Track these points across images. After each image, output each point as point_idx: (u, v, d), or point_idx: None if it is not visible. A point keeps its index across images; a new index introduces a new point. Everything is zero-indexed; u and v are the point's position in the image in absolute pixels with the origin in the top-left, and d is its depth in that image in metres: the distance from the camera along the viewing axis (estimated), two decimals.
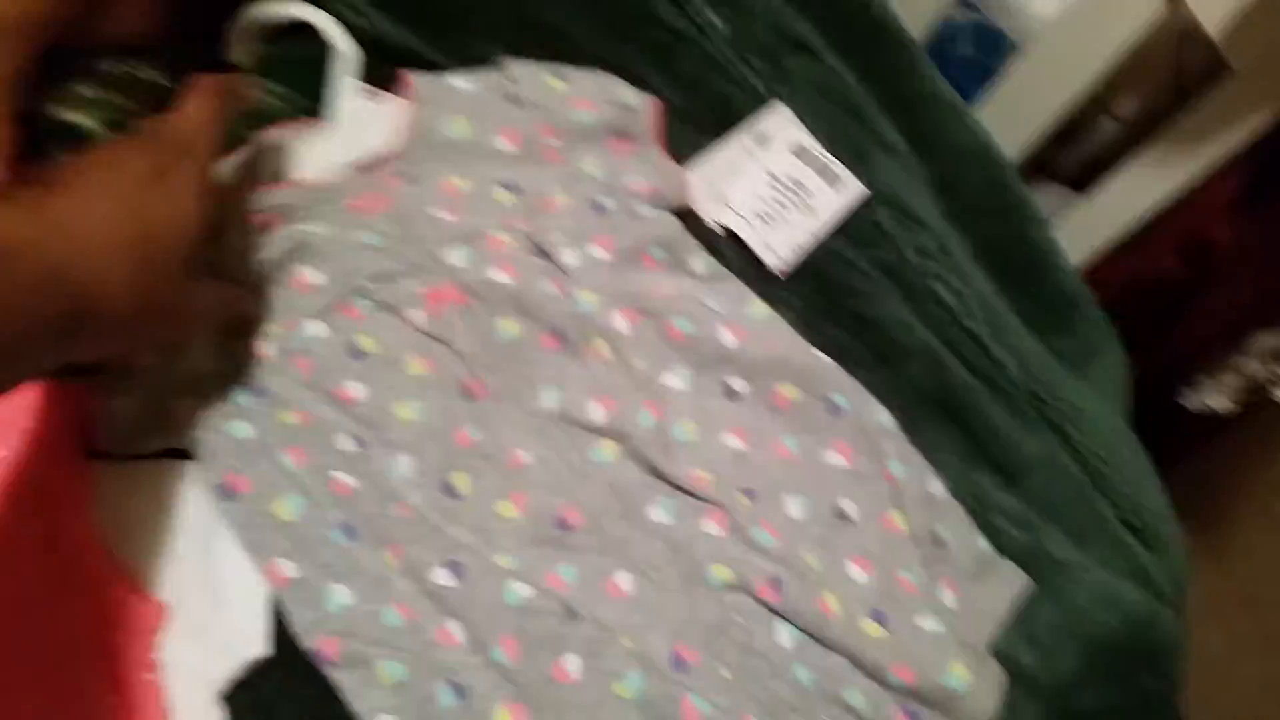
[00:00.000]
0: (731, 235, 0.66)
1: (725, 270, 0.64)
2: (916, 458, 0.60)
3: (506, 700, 0.52)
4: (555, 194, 0.63)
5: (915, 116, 0.70)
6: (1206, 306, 0.67)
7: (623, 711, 0.53)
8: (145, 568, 0.56)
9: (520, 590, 0.54)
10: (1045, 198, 0.74)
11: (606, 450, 0.59)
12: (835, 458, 0.60)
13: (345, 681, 0.52)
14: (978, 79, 0.80)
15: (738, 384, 0.61)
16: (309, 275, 0.58)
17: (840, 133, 0.69)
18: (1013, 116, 0.68)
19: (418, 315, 0.59)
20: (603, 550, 0.56)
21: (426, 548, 0.55)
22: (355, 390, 0.57)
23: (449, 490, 0.56)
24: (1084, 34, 0.62)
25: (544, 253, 0.62)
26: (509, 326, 0.60)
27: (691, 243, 0.64)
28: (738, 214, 0.67)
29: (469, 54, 0.67)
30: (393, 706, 0.52)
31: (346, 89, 0.63)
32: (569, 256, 0.61)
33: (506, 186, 0.63)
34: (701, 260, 0.64)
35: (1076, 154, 0.73)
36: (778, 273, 0.66)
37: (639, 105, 0.66)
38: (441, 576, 0.54)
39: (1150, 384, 0.71)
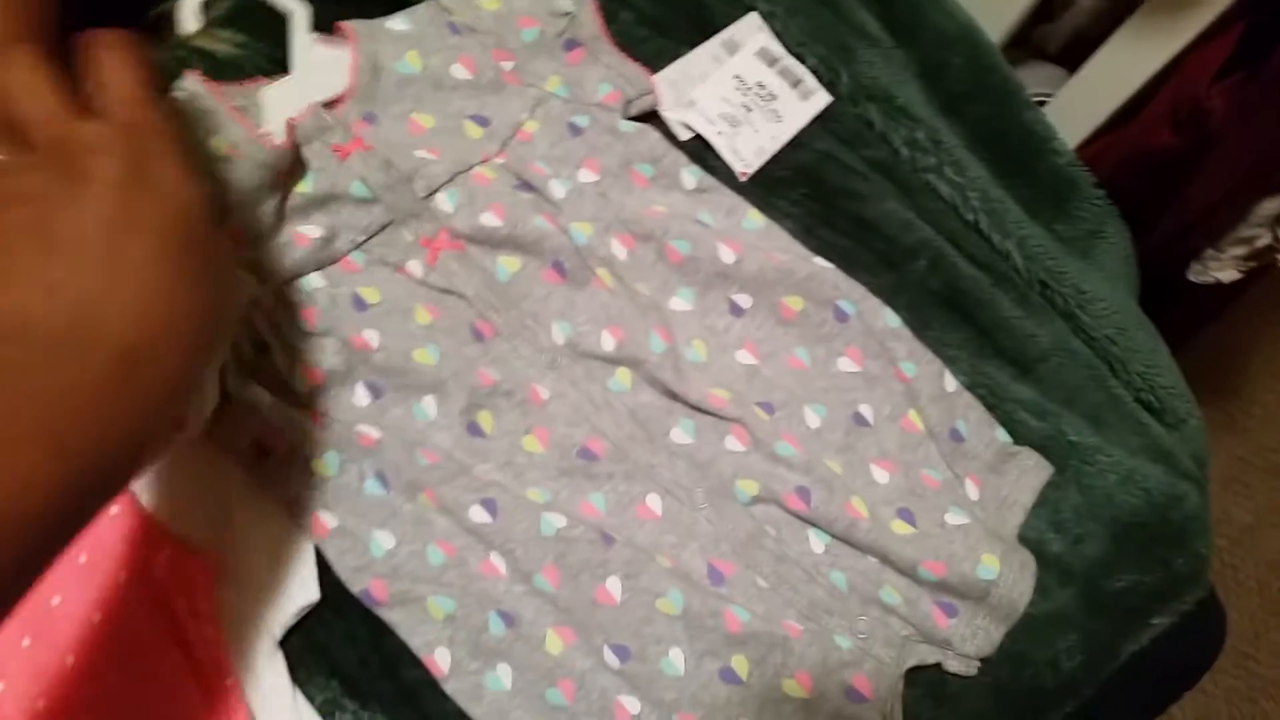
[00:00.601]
0: (699, 138, 0.65)
1: (716, 182, 0.63)
2: (927, 356, 0.60)
3: (555, 624, 0.53)
4: (526, 121, 0.62)
5: (894, 3, 0.68)
6: (1205, 177, 0.66)
7: (669, 626, 0.53)
8: (197, 527, 0.56)
9: (555, 521, 0.55)
10: (1036, 76, 0.72)
11: (622, 378, 0.59)
12: (847, 364, 0.60)
13: (398, 619, 0.54)
14: None
15: (742, 299, 0.61)
16: (305, 229, 0.57)
17: (820, 28, 0.68)
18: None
19: (416, 266, 0.59)
20: (629, 476, 0.57)
21: (459, 488, 0.55)
22: (371, 338, 0.57)
23: (475, 429, 0.57)
24: None
25: (530, 186, 0.61)
26: (509, 264, 0.60)
27: (678, 155, 0.63)
28: (704, 117, 0.66)
29: None
30: (447, 639, 0.53)
31: (301, 37, 0.61)
32: (556, 187, 0.60)
33: (474, 119, 0.62)
34: (691, 173, 0.63)
35: (1061, 29, 0.71)
36: (738, 175, 0.65)
37: (578, 7, 0.64)
38: (477, 514, 0.55)
39: (1156, 260, 0.70)
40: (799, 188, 0.65)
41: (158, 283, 0.37)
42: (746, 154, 0.66)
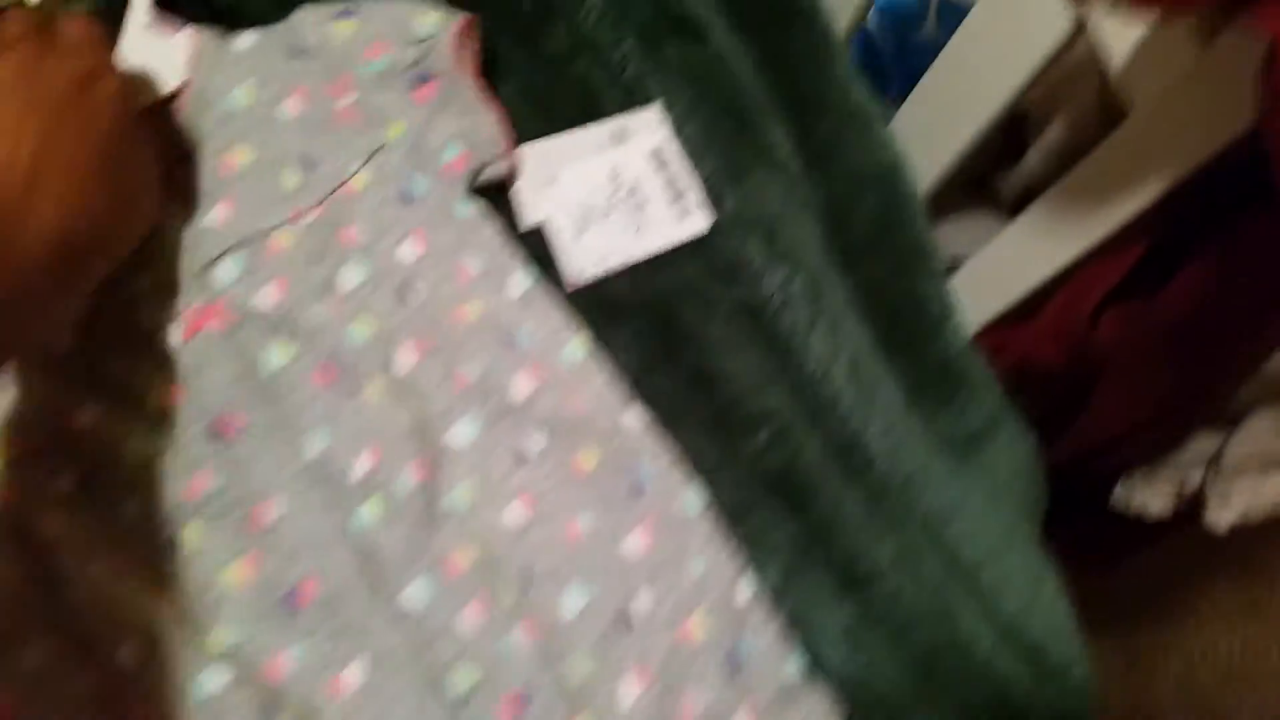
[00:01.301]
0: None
1: (548, 293, 0.55)
2: (723, 556, 0.51)
3: None
4: (355, 171, 0.55)
5: (816, 123, 0.60)
6: (1100, 407, 0.55)
7: None
8: None
9: (219, 677, 0.47)
10: (974, 230, 0.61)
11: (372, 509, 0.50)
12: (633, 545, 0.51)
13: None
14: None
15: (533, 443, 0.52)
16: None
17: (717, 138, 0.59)
18: (930, 131, 0.56)
19: (175, 337, 0.52)
20: (335, 635, 0.48)
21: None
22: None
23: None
24: (993, 46, 0.50)
25: (327, 266, 0.53)
26: (281, 353, 0.52)
27: (514, 253, 0.55)
28: (556, 201, 0.58)
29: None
30: None
31: (138, 15, 0.56)
32: (349, 273, 0.53)
33: (298, 162, 0.55)
34: (523, 277, 0.55)
35: (1013, 181, 0.60)
36: (565, 284, 0.57)
37: (436, 32, 0.57)
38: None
39: (1072, 475, 0.60)
40: (645, 319, 0.57)
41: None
42: (584, 259, 0.58)
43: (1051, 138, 0.55)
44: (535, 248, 0.57)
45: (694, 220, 0.58)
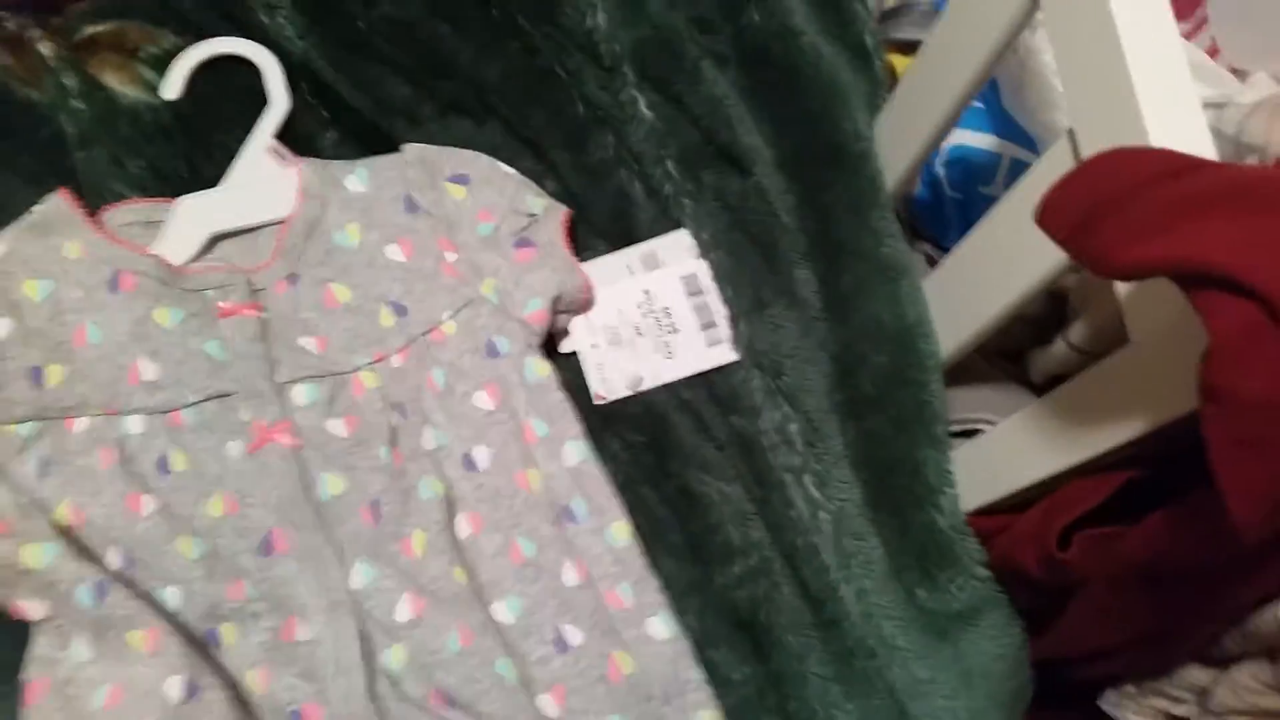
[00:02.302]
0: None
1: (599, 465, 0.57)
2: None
3: None
4: (445, 321, 0.59)
5: (844, 269, 0.60)
6: (1075, 627, 0.53)
7: None
8: None
9: None
10: (993, 399, 0.60)
11: (396, 656, 0.52)
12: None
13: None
14: None
15: (573, 634, 0.53)
16: (144, 367, 0.55)
17: (741, 269, 0.61)
18: (968, 290, 0.55)
19: (236, 447, 0.55)
20: None
21: (179, 654, 0.49)
22: (146, 504, 0.53)
23: (213, 638, 0.52)
24: (1014, 242, 0.49)
25: (404, 414, 0.57)
26: (334, 484, 0.56)
27: (571, 425, 0.57)
28: (586, 322, 0.61)
29: (375, 90, 0.64)
30: None
31: (261, 142, 0.61)
32: (429, 436, 0.57)
33: (393, 306, 0.59)
34: (581, 446, 0.57)
35: (1039, 364, 0.59)
36: (594, 397, 0.59)
37: (545, 212, 0.61)
38: (173, 689, 0.48)
39: (1057, 673, 0.57)
40: (639, 433, 0.57)
41: None
42: (614, 379, 0.59)
43: (1076, 332, 0.54)
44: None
45: (723, 350, 0.59)
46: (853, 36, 0.66)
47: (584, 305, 0.61)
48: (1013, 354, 0.63)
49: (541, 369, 0.58)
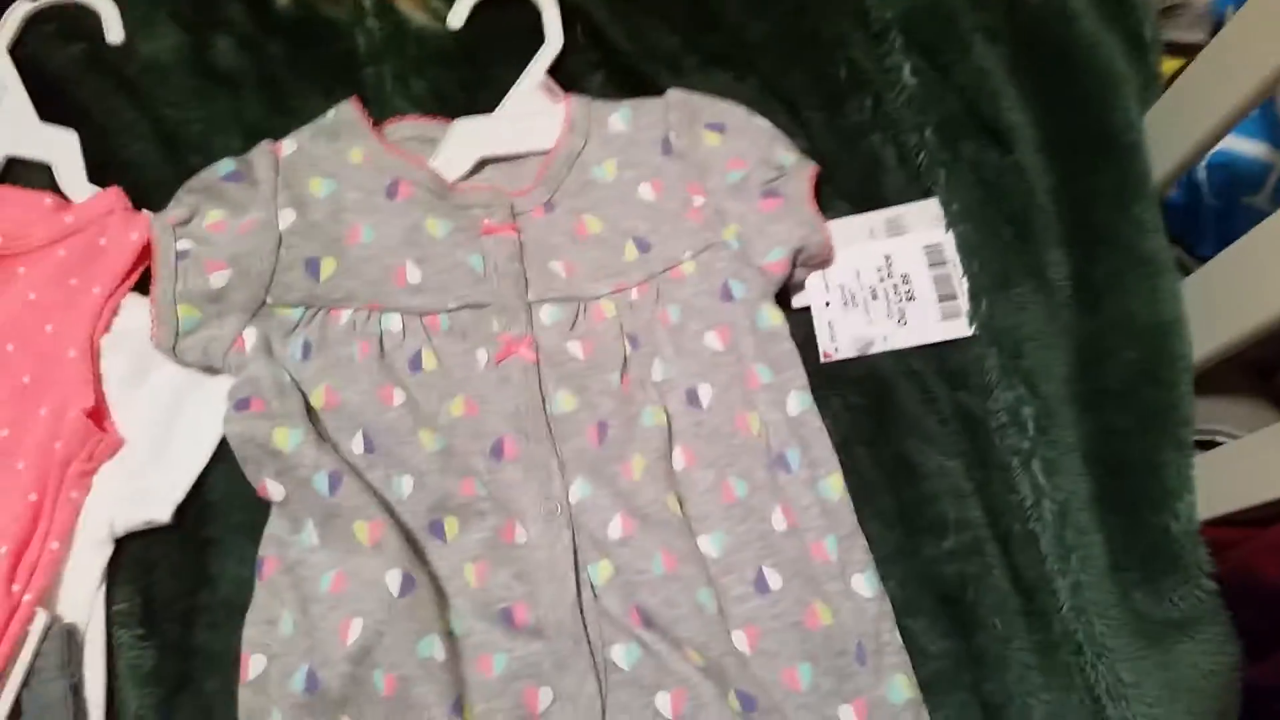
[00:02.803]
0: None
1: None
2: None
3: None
4: (685, 261, 0.62)
5: (1101, 258, 0.59)
6: None
7: None
8: (118, 398, 0.59)
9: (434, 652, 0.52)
10: (1238, 412, 0.57)
11: (602, 572, 0.55)
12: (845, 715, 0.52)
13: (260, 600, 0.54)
14: None
15: (773, 577, 0.54)
16: (411, 271, 0.61)
17: (990, 245, 0.60)
18: (1225, 300, 0.53)
19: (482, 355, 0.60)
20: (537, 661, 0.53)
21: (398, 549, 0.53)
22: (397, 396, 0.58)
23: (436, 529, 0.56)
24: None
25: (637, 344, 0.60)
26: (567, 401, 0.59)
27: (797, 373, 0.58)
28: (822, 279, 0.61)
29: (644, 38, 0.67)
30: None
31: (534, 77, 0.65)
32: (659, 368, 0.60)
33: (638, 241, 0.62)
34: (804, 396, 0.58)
35: None
36: (821, 355, 0.60)
37: (794, 167, 0.62)
38: (393, 581, 0.52)
39: (1265, 702, 0.54)
40: (862, 395, 0.58)
41: None
42: (843, 339, 0.60)
43: None
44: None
45: (959, 323, 0.59)
46: (1131, 27, 0.64)
47: (823, 262, 0.62)
48: (1265, 368, 0.60)
49: (775, 317, 0.59)
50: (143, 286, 0.61)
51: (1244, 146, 0.75)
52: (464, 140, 0.63)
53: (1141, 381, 0.55)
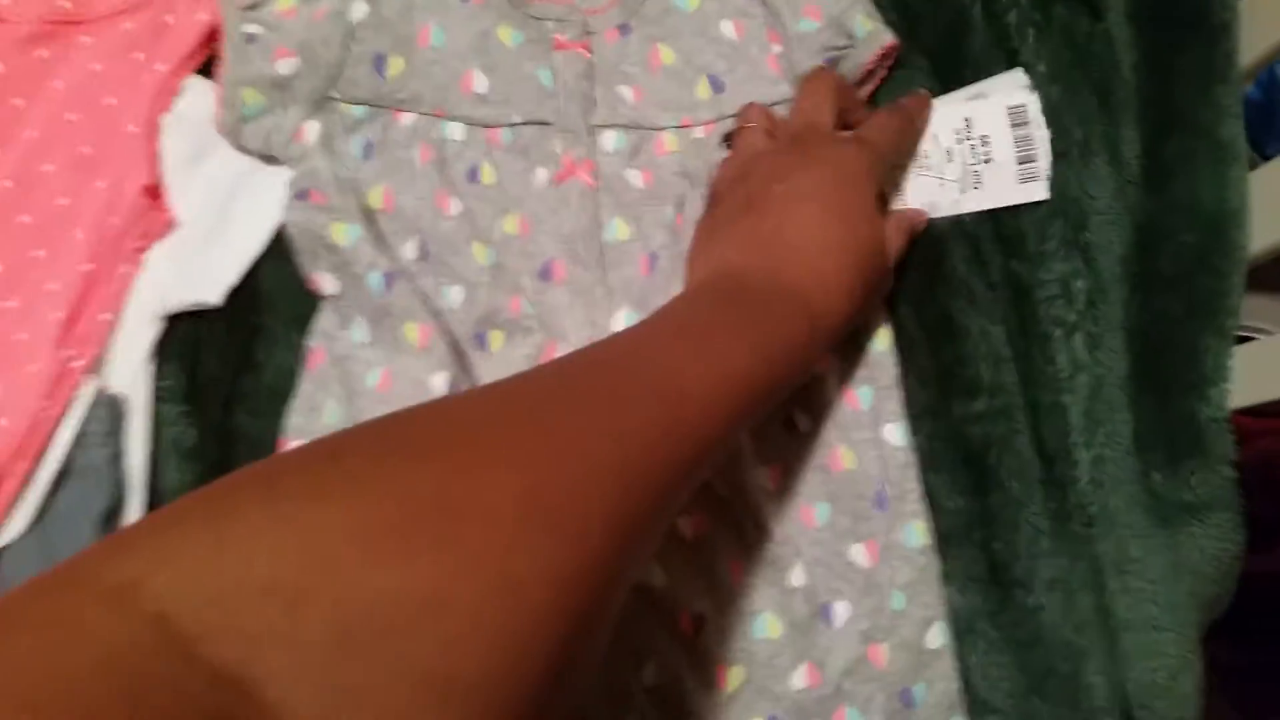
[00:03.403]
0: None
1: None
2: (930, 601, 0.54)
3: None
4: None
5: (1174, 137, 0.58)
6: None
7: None
8: (175, 180, 0.60)
9: None
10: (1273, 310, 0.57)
11: None
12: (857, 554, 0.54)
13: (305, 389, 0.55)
14: None
15: (803, 421, 0.56)
16: (477, 79, 0.60)
17: (1072, 111, 0.59)
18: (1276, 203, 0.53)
19: (542, 175, 0.59)
20: None
21: (445, 353, 0.55)
22: (452, 206, 0.58)
23: (480, 341, 0.57)
24: None
25: (694, 183, 0.59)
26: (621, 229, 0.59)
27: None
28: None
29: None
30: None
31: None
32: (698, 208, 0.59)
33: (712, 80, 0.61)
34: None
35: None
36: None
37: (867, 37, 0.60)
38: (439, 383, 0.54)
39: (1261, 592, 0.56)
40: (912, 250, 0.57)
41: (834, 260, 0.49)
42: (913, 200, 0.59)
43: None
44: None
45: (1037, 186, 0.58)
46: None
47: None
48: None
49: None
50: (207, 70, 0.61)
51: None
52: None
53: (1196, 267, 0.55)
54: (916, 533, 0.54)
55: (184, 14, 0.61)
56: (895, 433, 0.55)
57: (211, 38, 0.61)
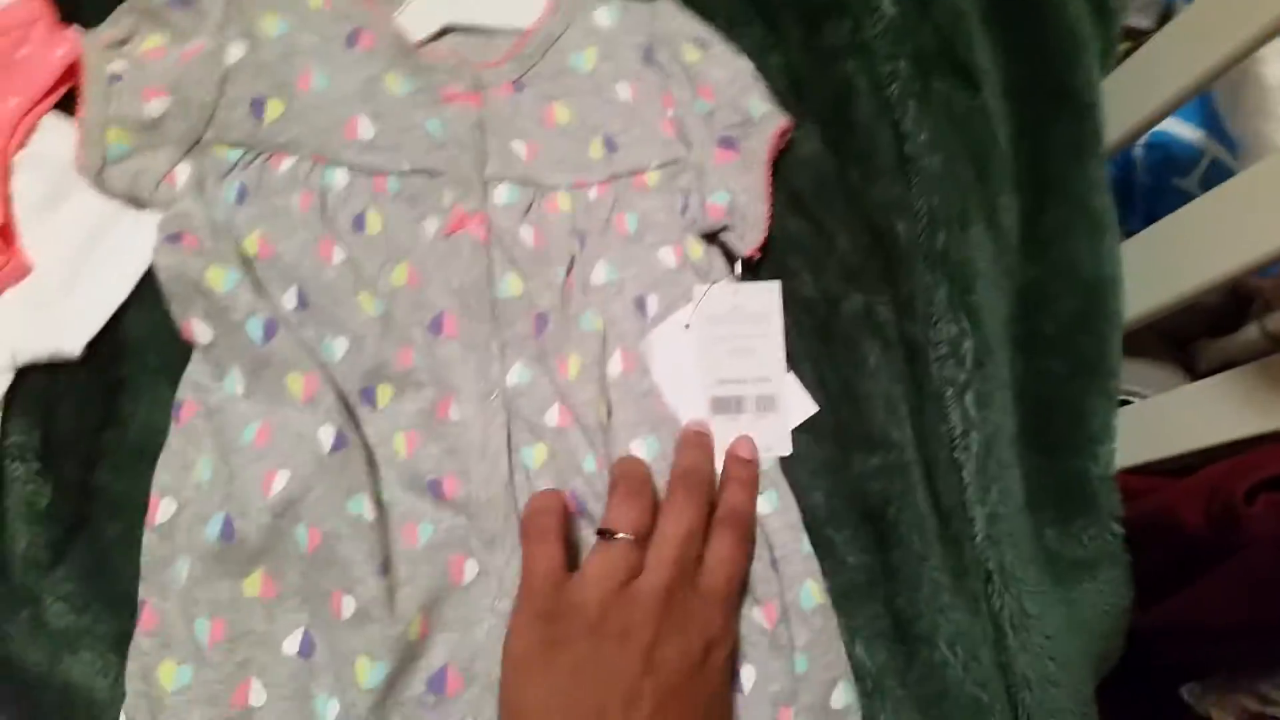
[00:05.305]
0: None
1: None
2: (831, 661, 0.53)
3: None
4: (650, 170, 0.61)
5: (1050, 207, 0.61)
6: (1223, 589, 0.53)
7: None
8: (30, 222, 0.55)
9: (364, 512, 0.51)
10: (1149, 375, 0.61)
11: (537, 456, 0.55)
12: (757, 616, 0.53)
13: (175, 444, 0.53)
14: None
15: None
16: (363, 125, 0.58)
17: (952, 180, 0.62)
18: (1150, 272, 0.56)
19: (431, 225, 0.58)
20: (463, 538, 0.53)
21: (332, 405, 0.52)
22: (336, 255, 0.56)
23: (368, 396, 0.55)
24: (1236, 220, 0.50)
25: (585, 242, 0.59)
26: (513, 285, 0.58)
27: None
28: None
29: None
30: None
31: None
32: (600, 270, 0.59)
33: (605, 140, 0.61)
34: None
35: (1214, 353, 0.59)
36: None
37: (761, 120, 0.62)
38: (326, 437, 0.51)
39: (1148, 646, 0.58)
40: (810, 317, 0.58)
41: None
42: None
43: (1275, 321, 0.54)
44: None
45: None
46: None
47: (746, 245, 0.60)
48: (1180, 338, 0.64)
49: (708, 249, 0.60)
50: (65, 108, 0.57)
51: (1181, 130, 0.79)
52: (435, 0, 0.61)
53: (1077, 331, 0.58)
54: (811, 593, 0.53)
55: (39, 48, 0.58)
56: (774, 498, 0.54)
57: (70, 74, 0.57)
